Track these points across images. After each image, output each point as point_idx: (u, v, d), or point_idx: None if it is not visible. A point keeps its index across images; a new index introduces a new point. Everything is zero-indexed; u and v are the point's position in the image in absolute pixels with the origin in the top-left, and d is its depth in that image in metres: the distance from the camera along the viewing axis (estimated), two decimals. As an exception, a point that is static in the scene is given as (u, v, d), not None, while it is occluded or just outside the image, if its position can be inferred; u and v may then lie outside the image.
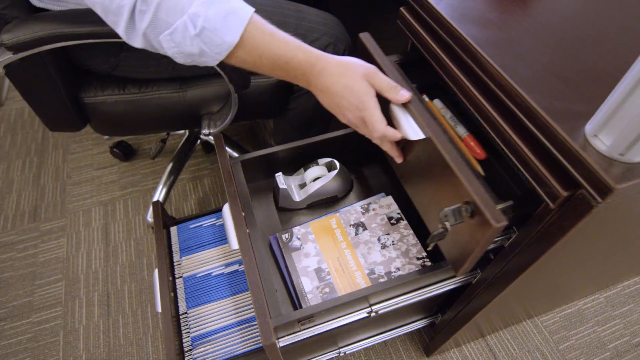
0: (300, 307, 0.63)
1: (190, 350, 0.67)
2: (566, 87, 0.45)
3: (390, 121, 0.54)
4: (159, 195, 1.14)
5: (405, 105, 0.53)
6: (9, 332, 1.00)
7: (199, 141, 1.21)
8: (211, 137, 1.21)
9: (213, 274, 0.74)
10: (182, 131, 1.22)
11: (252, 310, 0.70)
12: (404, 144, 0.57)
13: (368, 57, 0.58)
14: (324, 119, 0.93)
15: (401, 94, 0.52)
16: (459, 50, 0.52)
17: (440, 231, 0.47)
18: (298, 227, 0.70)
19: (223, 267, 0.75)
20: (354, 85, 0.51)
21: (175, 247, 0.78)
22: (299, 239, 0.69)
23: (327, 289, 0.63)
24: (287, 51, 0.52)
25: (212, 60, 0.52)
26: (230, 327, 0.69)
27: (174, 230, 0.80)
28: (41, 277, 1.09)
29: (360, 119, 0.53)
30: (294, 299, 0.65)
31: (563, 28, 0.52)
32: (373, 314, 0.63)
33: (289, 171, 0.79)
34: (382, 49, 0.58)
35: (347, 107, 0.52)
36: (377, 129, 0.52)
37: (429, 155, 0.50)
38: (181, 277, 0.74)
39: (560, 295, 0.94)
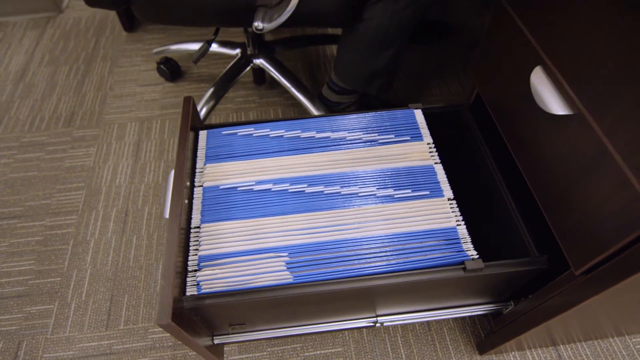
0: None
1: (195, 271, 0.54)
2: None
3: None
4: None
5: None
6: (20, 231, 0.93)
7: (250, 66, 1.07)
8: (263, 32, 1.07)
9: (239, 189, 0.60)
10: (234, 52, 1.09)
11: (275, 239, 0.55)
12: None
13: None
14: (404, 36, 0.76)
15: None
16: None
17: None
18: None
19: (253, 183, 0.60)
20: None
21: (200, 153, 0.64)
22: None
23: None
24: None
25: None
26: (247, 254, 0.54)
27: (202, 134, 0.66)
28: (63, 182, 1.01)
29: None
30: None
31: None
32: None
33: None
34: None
35: None
36: None
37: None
38: (201, 186, 0.61)
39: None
